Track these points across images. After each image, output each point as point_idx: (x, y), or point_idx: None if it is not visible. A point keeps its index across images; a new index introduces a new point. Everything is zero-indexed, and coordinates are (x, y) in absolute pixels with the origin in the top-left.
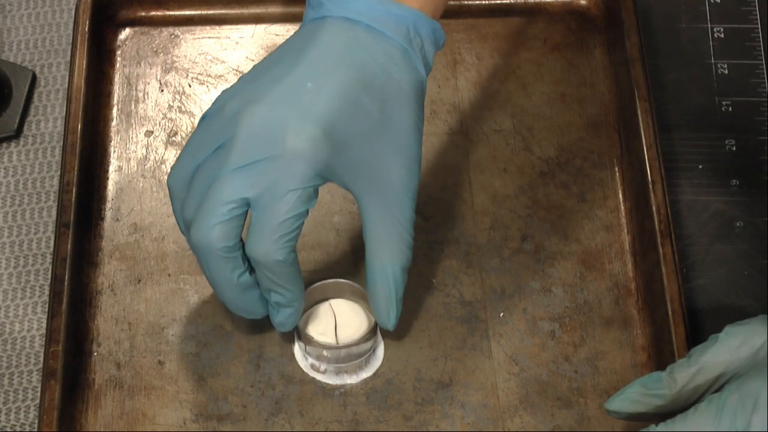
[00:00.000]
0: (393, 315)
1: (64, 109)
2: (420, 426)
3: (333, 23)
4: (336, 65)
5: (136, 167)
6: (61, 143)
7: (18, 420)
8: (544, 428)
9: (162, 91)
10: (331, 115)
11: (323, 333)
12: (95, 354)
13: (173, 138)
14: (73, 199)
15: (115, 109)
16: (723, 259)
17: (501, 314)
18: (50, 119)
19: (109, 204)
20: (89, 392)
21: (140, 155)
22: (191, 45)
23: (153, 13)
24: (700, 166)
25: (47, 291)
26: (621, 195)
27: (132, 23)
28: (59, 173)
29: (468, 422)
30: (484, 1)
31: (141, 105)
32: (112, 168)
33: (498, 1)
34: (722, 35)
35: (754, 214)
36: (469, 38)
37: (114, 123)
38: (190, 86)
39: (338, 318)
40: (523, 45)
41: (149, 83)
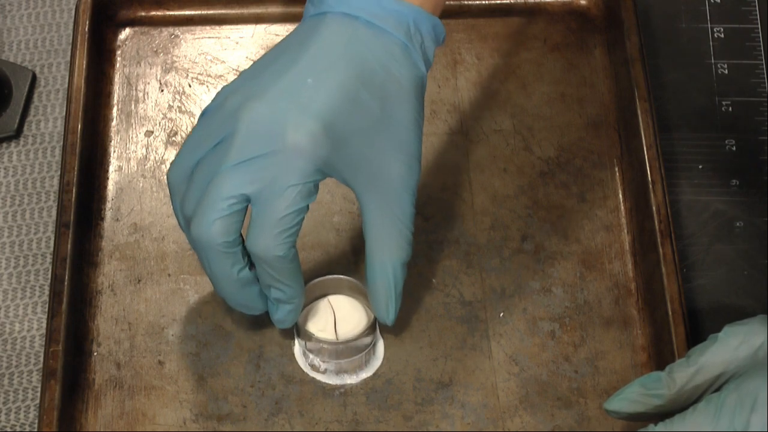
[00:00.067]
0: (392, 310)
1: (64, 109)
2: (420, 426)
3: (333, 19)
4: (336, 61)
5: (136, 167)
6: (61, 143)
7: (18, 420)
8: (544, 428)
9: (162, 91)
10: (331, 111)
11: (323, 329)
12: (95, 354)
13: (173, 138)
14: (73, 199)
15: (115, 109)
16: (723, 259)
17: (501, 314)
18: (50, 119)
19: (109, 204)
20: (89, 392)
21: (140, 155)
22: (191, 45)
23: (153, 13)
24: (700, 166)
25: (47, 291)
26: (621, 195)
27: (132, 23)
28: (59, 173)
29: (468, 422)
30: (484, 1)
31: (141, 105)
32: (112, 168)
33: (498, 1)
34: (722, 35)
35: (754, 214)
36: (469, 38)
37: (114, 123)
38: (190, 86)
39: (337, 313)
40: (523, 45)
41: (149, 83)
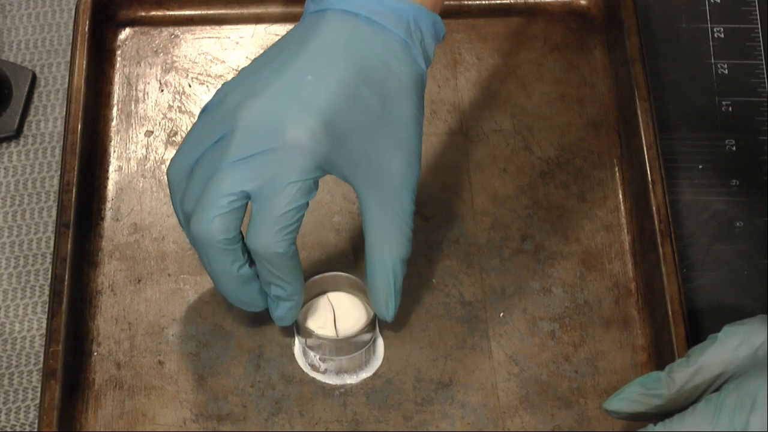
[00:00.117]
0: (392, 307)
1: (64, 109)
2: (420, 426)
3: (333, 16)
4: (336, 58)
5: (136, 167)
6: (61, 143)
7: (18, 420)
8: (544, 428)
9: (162, 91)
10: (331, 108)
11: (322, 326)
12: (95, 354)
13: (173, 138)
14: (73, 199)
15: (115, 109)
16: (723, 259)
17: (501, 314)
18: (50, 119)
19: (109, 204)
20: (89, 392)
21: (140, 155)
22: (191, 45)
23: (153, 13)
24: (700, 166)
25: (47, 291)
26: (621, 195)
27: (132, 23)
28: (59, 173)
29: (468, 422)
30: (484, 1)
31: (141, 105)
32: (112, 168)
33: (498, 1)
34: (722, 35)
35: (754, 214)
36: (469, 38)
37: (114, 123)
38: (190, 86)
39: (337, 310)
40: (523, 45)
41: (149, 83)
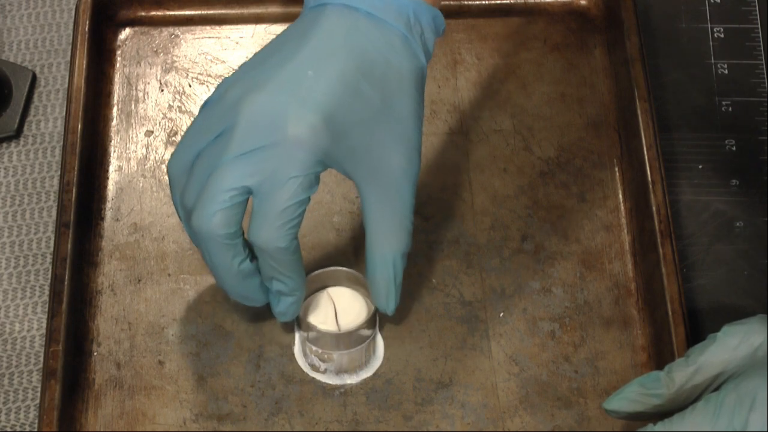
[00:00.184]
0: (392, 300)
1: (64, 109)
2: (420, 426)
3: (333, 10)
4: (336, 53)
5: (136, 167)
6: (61, 143)
7: (18, 420)
8: (544, 428)
9: (162, 91)
10: (332, 103)
11: (324, 321)
12: (95, 354)
13: (173, 138)
14: (73, 199)
15: (115, 109)
16: (723, 259)
17: (501, 314)
18: (50, 119)
19: (109, 204)
20: (89, 392)
21: (140, 155)
22: (191, 45)
23: (153, 13)
24: (700, 166)
25: (47, 291)
26: (621, 195)
27: (132, 23)
28: (59, 173)
29: (468, 422)
30: (484, 1)
31: (141, 105)
32: (112, 168)
33: (498, 1)
34: (722, 35)
35: (754, 214)
36: (469, 38)
37: (114, 123)
38: (190, 86)
39: (337, 305)
40: (523, 45)
41: (149, 83)
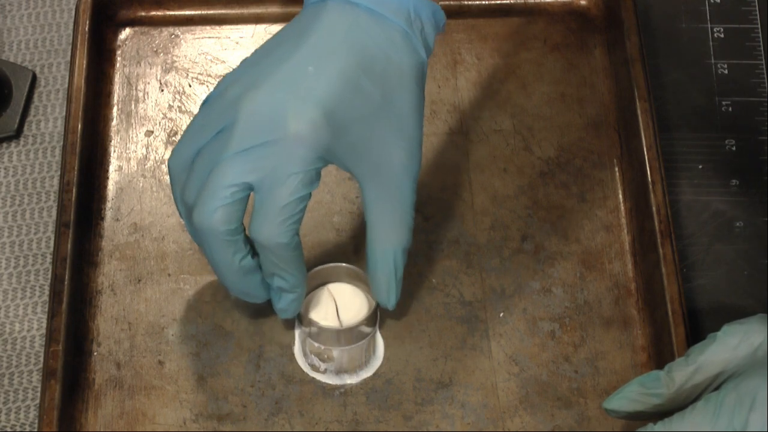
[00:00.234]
0: (393, 295)
1: (64, 109)
2: (420, 426)
3: (334, 6)
4: (337, 49)
5: (136, 167)
6: (61, 143)
7: (18, 420)
8: (544, 428)
9: (162, 91)
10: (332, 99)
11: (325, 317)
12: (95, 354)
13: (173, 138)
14: (73, 199)
15: (115, 109)
16: (723, 259)
17: (501, 314)
18: (50, 119)
19: (109, 204)
20: (89, 392)
21: (140, 155)
22: (191, 45)
23: (153, 13)
24: (700, 166)
25: (47, 291)
26: (621, 195)
27: (132, 23)
28: (59, 173)
29: (468, 422)
30: (484, 1)
31: (141, 105)
32: (112, 168)
33: (498, 1)
34: (722, 35)
35: (754, 214)
36: (469, 38)
37: (114, 123)
38: (190, 86)
39: (338, 301)
40: (523, 45)
41: (149, 83)
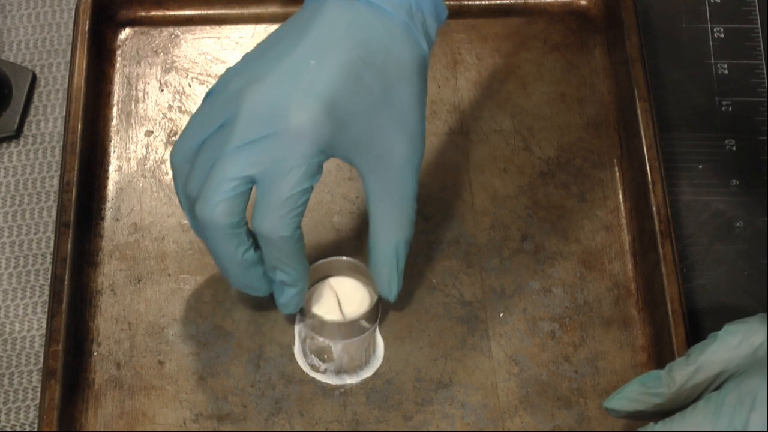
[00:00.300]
0: (395, 286)
1: (64, 109)
2: (420, 426)
3: (335, 1)
4: (338, 43)
5: (136, 167)
6: (61, 143)
7: (18, 420)
8: (544, 428)
9: (162, 91)
10: (334, 92)
11: (327, 311)
12: (95, 354)
13: (173, 138)
14: (73, 199)
15: (115, 109)
16: (723, 259)
17: (501, 314)
18: (50, 119)
19: (109, 204)
20: (89, 392)
21: (140, 155)
22: (191, 45)
23: (153, 13)
24: (700, 166)
25: (47, 291)
26: (621, 195)
27: (132, 23)
28: (59, 173)
29: (468, 422)
30: (484, 1)
31: (141, 105)
32: (112, 168)
33: (498, 1)
34: (722, 35)
35: (754, 214)
36: (469, 38)
37: (114, 123)
38: (190, 86)
39: (340, 294)
40: (523, 45)
41: (149, 83)
